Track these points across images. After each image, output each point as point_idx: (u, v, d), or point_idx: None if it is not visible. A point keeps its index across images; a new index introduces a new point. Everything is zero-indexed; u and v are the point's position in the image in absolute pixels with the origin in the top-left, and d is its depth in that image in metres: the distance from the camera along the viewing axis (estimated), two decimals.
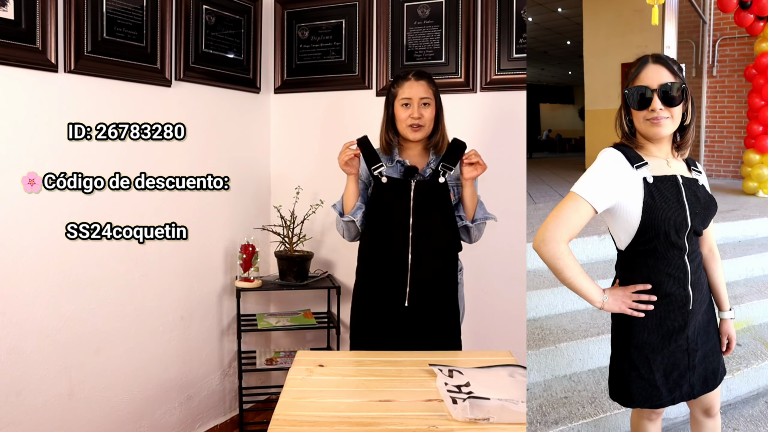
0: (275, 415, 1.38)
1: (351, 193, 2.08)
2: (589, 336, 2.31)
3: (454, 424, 1.36)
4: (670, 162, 1.51)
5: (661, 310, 1.49)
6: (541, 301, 2.49)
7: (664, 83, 1.43)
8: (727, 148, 5.68)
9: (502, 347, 2.31)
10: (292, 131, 3.21)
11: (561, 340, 2.29)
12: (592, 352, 2.29)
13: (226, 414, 3.03)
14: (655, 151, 1.50)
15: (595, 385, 2.21)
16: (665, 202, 1.43)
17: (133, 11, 2.41)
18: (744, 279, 2.97)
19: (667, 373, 1.53)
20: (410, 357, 1.81)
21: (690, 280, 1.50)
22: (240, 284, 2.82)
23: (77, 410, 2.32)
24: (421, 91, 2.04)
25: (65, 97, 2.20)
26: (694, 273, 1.50)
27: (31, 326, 2.15)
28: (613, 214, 1.48)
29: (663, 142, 1.50)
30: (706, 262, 1.62)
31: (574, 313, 2.53)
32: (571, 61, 11.22)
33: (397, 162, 2.07)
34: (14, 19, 2.02)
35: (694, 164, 1.58)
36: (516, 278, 2.69)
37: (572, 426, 2.00)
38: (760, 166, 4.63)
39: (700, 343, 1.56)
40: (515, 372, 1.64)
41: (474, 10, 2.76)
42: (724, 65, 5.62)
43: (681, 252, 1.48)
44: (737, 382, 2.31)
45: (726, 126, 5.67)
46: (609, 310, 1.50)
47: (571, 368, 2.29)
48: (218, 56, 2.84)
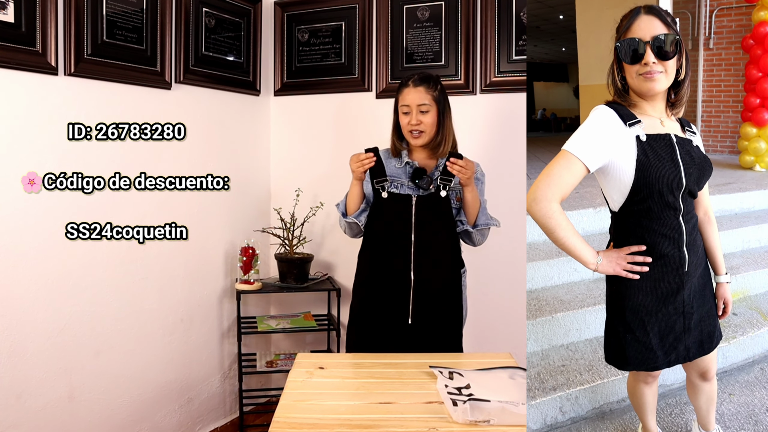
0: (275, 417, 1.38)
1: (356, 196, 2.07)
2: (585, 306, 2.32)
3: (455, 426, 1.36)
4: (664, 121, 1.47)
5: (656, 272, 1.46)
6: (537, 273, 2.50)
7: (657, 35, 1.38)
8: (724, 122, 5.50)
9: (503, 349, 2.32)
10: (292, 134, 3.21)
11: (557, 310, 2.30)
12: (589, 321, 2.31)
13: (227, 416, 3.03)
14: (649, 109, 1.45)
15: (592, 353, 2.22)
16: (659, 160, 1.40)
17: (133, 14, 2.41)
18: (740, 251, 2.99)
19: (663, 336, 1.51)
20: (410, 359, 1.81)
21: (685, 242, 1.47)
22: (240, 287, 2.81)
23: (77, 413, 2.31)
24: (418, 97, 2.02)
25: (65, 100, 2.20)
26: (689, 234, 1.47)
27: (31, 329, 2.15)
28: (606, 173, 1.44)
29: (657, 99, 1.46)
30: (702, 226, 1.59)
31: (570, 284, 2.54)
32: (565, 37, 10.92)
33: (406, 163, 2.07)
34: (14, 22, 2.03)
35: (689, 125, 1.55)
36: (516, 279, 2.69)
37: (570, 393, 2.02)
38: (757, 140, 4.52)
39: (696, 306, 1.54)
40: (515, 374, 1.64)
41: (473, 12, 2.77)
42: (720, 37, 5.43)
43: (676, 212, 1.44)
44: (733, 349, 2.34)
45: (723, 100, 5.50)
46: (603, 272, 1.47)
47: (568, 338, 2.30)
48: (218, 59, 2.84)
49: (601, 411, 2.10)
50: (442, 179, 2.01)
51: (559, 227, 1.39)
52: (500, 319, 2.75)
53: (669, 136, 1.44)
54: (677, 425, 2.04)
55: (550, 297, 2.41)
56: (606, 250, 1.50)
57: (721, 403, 2.11)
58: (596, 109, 1.44)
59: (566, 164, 1.38)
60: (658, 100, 1.46)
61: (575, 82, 8.58)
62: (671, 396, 2.20)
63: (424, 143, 2.04)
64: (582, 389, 2.04)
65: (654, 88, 1.41)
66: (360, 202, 2.08)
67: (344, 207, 2.11)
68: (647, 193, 1.40)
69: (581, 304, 2.33)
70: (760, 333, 2.39)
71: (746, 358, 2.39)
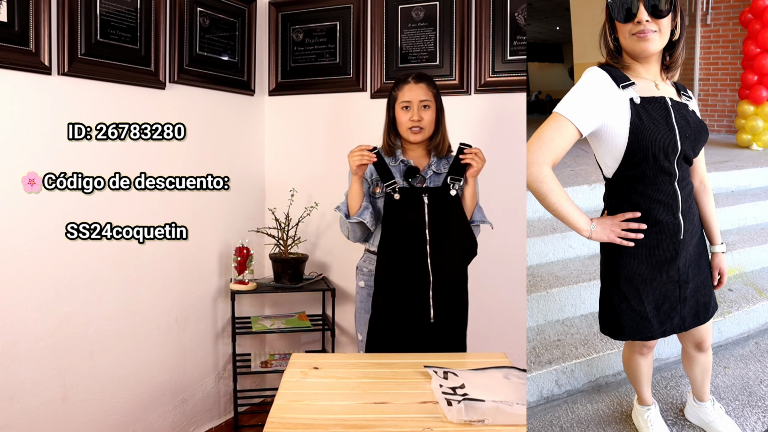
0: (270, 417, 1.38)
1: (356, 194, 2.04)
2: (580, 282, 2.33)
3: (449, 426, 1.36)
4: (659, 84, 1.42)
5: (651, 240, 1.43)
6: (531, 249, 2.51)
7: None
8: (721, 101, 5.36)
9: (498, 349, 2.32)
10: (286, 134, 3.21)
11: (552, 286, 2.31)
12: (584, 297, 2.32)
13: (221, 417, 3.02)
14: (643, 72, 1.41)
15: (588, 328, 2.24)
16: (653, 123, 1.35)
17: (127, 13, 2.41)
18: (737, 228, 3.02)
19: (658, 305, 1.49)
20: (405, 359, 1.81)
21: (681, 208, 1.43)
22: (234, 287, 2.81)
23: (71, 414, 2.30)
24: (421, 93, 2.04)
25: (59, 100, 2.20)
26: (684, 201, 1.43)
27: (25, 329, 2.14)
28: (599, 137, 1.40)
29: (651, 61, 1.41)
30: (698, 194, 1.56)
31: (565, 261, 2.55)
32: (558, 15, 10.81)
33: (400, 162, 2.07)
34: (7, 21, 2.02)
35: (684, 90, 1.51)
36: (513, 280, 2.69)
37: (565, 366, 2.04)
38: (755, 118, 4.43)
39: (692, 275, 1.52)
40: (510, 374, 1.64)
41: (468, 13, 2.77)
42: (718, 12, 5.28)
43: (671, 178, 1.40)
44: (728, 324, 2.37)
45: (720, 78, 5.35)
46: (597, 239, 1.44)
47: (564, 313, 2.31)
48: (212, 59, 2.84)
49: (596, 384, 2.12)
50: (452, 178, 2.02)
51: (551, 192, 1.34)
52: (496, 319, 2.76)
53: (664, 99, 1.40)
54: (672, 397, 2.06)
55: (545, 273, 2.42)
56: (600, 218, 1.46)
57: (716, 375, 2.14)
58: (588, 71, 1.40)
59: (558, 127, 1.34)
60: (652, 62, 1.42)
61: (570, 62, 8.46)
62: (666, 369, 2.23)
63: (422, 140, 2.05)
64: (577, 363, 2.05)
65: (648, 49, 1.37)
66: (361, 199, 2.04)
67: (346, 208, 2.08)
68: (641, 157, 1.36)
69: (576, 280, 2.33)
70: (755, 308, 2.42)
71: (741, 332, 2.42)
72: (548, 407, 2.03)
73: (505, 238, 2.59)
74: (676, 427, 1.90)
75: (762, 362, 2.25)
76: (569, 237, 2.57)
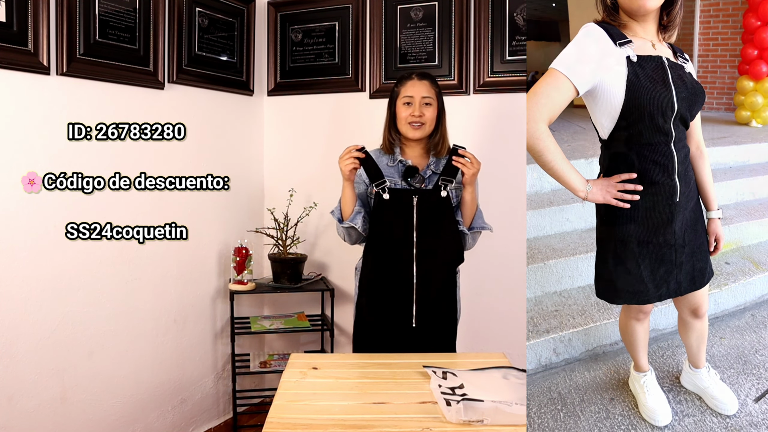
0: (269, 418, 1.38)
1: (348, 199, 2.03)
2: (577, 254, 2.34)
3: (448, 426, 1.36)
4: (656, 44, 1.42)
5: (647, 201, 1.42)
6: (529, 222, 2.52)
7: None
8: (720, 78, 5.16)
9: (497, 349, 2.32)
10: (285, 134, 3.21)
11: (549, 257, 2.32)
12: (582, 269, 2.33)
13: (220, 417, 3.02)
14: (640, 31, 1.40)
15: (585, 299, 2.26)
16: (650, 81, 1.35)
17: (126, 13, 2.41)
18: (734, 203, 3.04)
19: (654, 269, 1.49)
20: (404, 359, 1.81)
21: (677, 170, 1.42)
22: (233, 287, 2.81)
23: (70, 414, 2.30)
24: (423, 90, 2.04)
25: (58, 100, 2.20)
26: (681, 163, 1.42)
27: (24, 329, 2.14)
28: (595, 96, 1.40)
29: (648, 20, 1.40)
30: (694, 160, 1.56)
31: (562, 234, 2.56)
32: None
33: (398, 162, 2.07)
34: (6, 21, 2.02)
35: (681, 52, 1.50)
36: (513, 280, 2.69)
37: (563, 335, 2.06)
38: (754, 94, 4.29)
39: (688, 239, 1.51)
40: (509, 374, 1.64)
41: (467, 13, 2.77)
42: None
43: (667, 138, 1.39)
44: (725, 296, 2.40)
45: (719, 54, 5.16)
46: (593, 200, 1.42)
47: (561, 285, 2.33)
48: (211, 59, 2.83)
49: (594, 353, 2.14)
50: (443, 179, 2.01)
51: (547, 150, 1.33)
52: (495, 319, 2.76)
53: (660, 58, 1.39)
54: (669, 365, 2.09)
55: (543, 246, 2.43)
56: (596, 179, 1.45)
57: (711, 345, 2.17)
58: (585, 27, 1.39)
59: (554, 83, 1.32)
60: (649, 20, 1.41)
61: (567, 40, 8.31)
62: (663, 339, 2.25)
63: (422, 136, 2.04)
64: (575, 332, 2.08)
65: (645, 5, 1.36)
66: (353, 203, 2.04)
67: (339, 213, 2.07)
68: (638, 116, 1.36)
69: (573, 252, 2.35)
70: (752, 281, 2.46)
71: (737, 305, 2.45)
72: (547, 375, 2.06)
73: (504, 238, 2.59)
74: (672, 394, 1.92)
75: (758, 333, 2.28)
76: (566, 210, 2.60)
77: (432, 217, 2.00)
